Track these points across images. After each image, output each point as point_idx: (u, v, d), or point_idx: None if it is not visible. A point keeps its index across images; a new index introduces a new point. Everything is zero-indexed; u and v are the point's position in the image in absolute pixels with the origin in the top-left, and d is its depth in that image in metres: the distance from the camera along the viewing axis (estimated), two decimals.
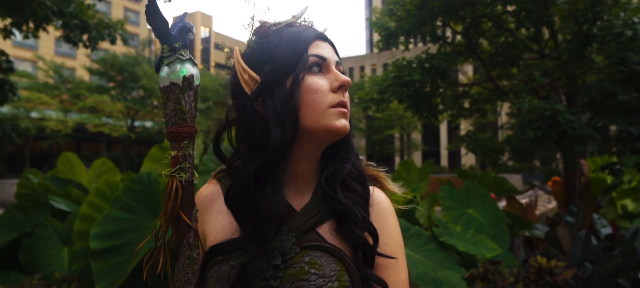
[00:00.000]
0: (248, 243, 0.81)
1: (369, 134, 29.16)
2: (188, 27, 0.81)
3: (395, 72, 6.18)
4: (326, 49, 0.87)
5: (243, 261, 0.80)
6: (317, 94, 0.82)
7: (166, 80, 0.78)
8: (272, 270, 0.79)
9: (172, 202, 0.76)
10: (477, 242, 3.80)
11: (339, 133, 0.83)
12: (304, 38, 0.84)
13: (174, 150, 0.77)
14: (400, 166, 5.96)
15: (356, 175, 0.90)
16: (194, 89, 0.79)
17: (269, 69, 0.82)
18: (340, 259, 0.82)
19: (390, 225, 0.90)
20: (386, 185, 0.97)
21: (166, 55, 0.79)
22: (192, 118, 0.79)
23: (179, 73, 0.78)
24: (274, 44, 0.84)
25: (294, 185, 0.88)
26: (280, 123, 0.80)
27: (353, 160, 0.90)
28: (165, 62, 0.79)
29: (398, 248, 0.90)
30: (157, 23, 0.78)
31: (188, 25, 0.81)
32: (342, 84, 0.84)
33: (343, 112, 0.84)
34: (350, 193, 0.87)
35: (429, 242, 3.49)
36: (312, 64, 0.84)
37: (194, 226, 0.77)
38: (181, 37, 0.80)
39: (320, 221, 0.85)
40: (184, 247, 0.76)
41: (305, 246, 0.81)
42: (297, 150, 0.85)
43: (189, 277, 0.76)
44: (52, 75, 24.95)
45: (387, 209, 0.92)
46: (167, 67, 0.78)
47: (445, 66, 6.04)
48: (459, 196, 4.64)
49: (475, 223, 4.35)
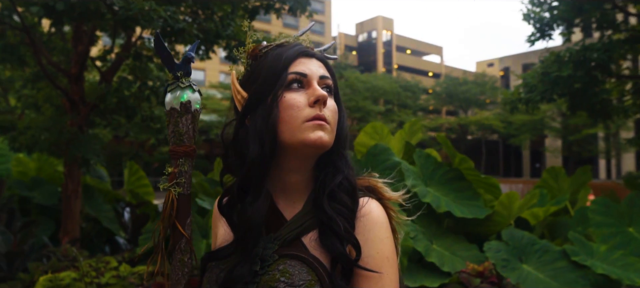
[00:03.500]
0: (236, 250, 0.88)
1: (564, 133, 26.15)
2: (189, 58, 0.92)
3: (543, 68, 5.56)
4: (309, 65, 0.90)
5: (230, 266, 0.88)
6: (292, 110, 0.85)
7: (168, 105, 0.90)
8: (252, 275, 0.85)
9: (167, 211, 0.88)
10: (626, 265, 3.27)
11: (314, 145, 0.85)
12: (286, 57, 0.88)
13: (172, 167, 0.88)
14: (547, 174, 5.37)
15: (346, 187, 0.90)
16: (192, 112, 0.90)
17: (254, 88, 0.90)
18: (314, 270, 0.84)
19: (376, 237, 0.88)
20: (385, 196, 0.96)
21: (170, 83, 0.91)
22: (190, 139, 0.90)
23: (179, 99, 0.89)
24: (260, 65, 0.91)
25: (286, 195, 0.92)
26: (259, 139, 0.86)
27: (345, 171, 0.91)
28: (168, 89, 0.91)
29: (384, 262, 0.87)
30: (164, 55, 0.91)
31: (189, 56, 0.92)
32: (317, 98, 0.85)
33: (318, 125, 0.85)
34: (338, 204, 0.88)
35: (559, 259, 3.13)
36: (291, 81, 0.87)
37: (187, 234, 0.88)
38: (183, 67, 0.92)
39: (305, 231, 0.88)
40: (177, 251, 0.88)
41: (283, 254, 0.84)
42: (285, 163, 0.91)
43: (179, 278, 0.88)
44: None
45: (376, 221, 0.90)
46: (170, 94, 0.90)
47: (606, 57, 5.23)
48: (616, 211, 4.02)
49: (634, 244, 3.73)
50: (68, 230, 4.84)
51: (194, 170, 0.96)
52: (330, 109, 0.88)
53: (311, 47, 0.96)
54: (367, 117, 28.72)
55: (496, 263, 2.90)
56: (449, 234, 3.33)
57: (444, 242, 3.20)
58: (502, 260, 2.93)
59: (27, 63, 5.18)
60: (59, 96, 4.99)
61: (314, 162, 0.91)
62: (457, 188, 3.63)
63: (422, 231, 3.12)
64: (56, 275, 2.68)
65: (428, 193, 3.34)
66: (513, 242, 3.10)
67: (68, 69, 4.85)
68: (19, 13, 3.92)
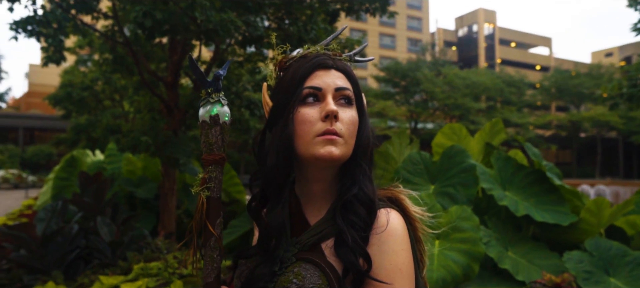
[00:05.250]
0: (259, 250, 0.97)
1: None
2: (218, 76, 1.02)
3: None
4: (325, 78, 0.92)
5: (254, 265, 0.97)
6: (305, 125, 0.89)
7: (201, 119, 1.01)
8: (271, 275, 0.93)
9: (199, 213, 0.99)
10: None
11: (324, 160, 0.88)
12: (302, 72, 0.92)
13: (203, 173, 0.99)
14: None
15: (362, 198, 0.92)
16: (220, 125, 1.00)
17: (274, 103, 0.97)
18: (326, 275, 0.89)
19: (390, 249, 0.89)
20: (407, 208, 0.98)
21: (202, 99, 1.02)
22: (219, 148, 1.00)
23: (209, 112, 1.00)
24: (284, 77, 0.98)
25: (312, 202, 0.97)
26: (276, 151, 0.94)
27: (362, 182, 0.94)
28: (201, 103, 1.02)
29: (396, 273, 0.89)
30: (197, 74, 1.02)
31: (218, 74, 1.03)
32: (327, 113, 0.88)
33: (329, 140, 0.89)
34: (353, 215, 0.92)
35: None
36: (306, 96, 0.91)
37: (216, 233, 0.98)
38: (214, 83, 1.02)
39: (324, 238, 0.93)
40: (207, 248, 0.99)
41: (301, 258, 0.90)
42: (307, 173, 0.97)
43: (209, 272, 0.99)
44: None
45: (392, 233, 0.91)
46: (202, 108, 1.02)
47: None
48: None
49: None
50: (165, 224, 5.33)
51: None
52: (346, 122, 0.90)
53: (337, 54, 0.99)
54: (466, 115, 27.55)
55: (577, 275, 2.69)
56: (528, 241, 3.15)
57: (521, 249, 3.04)
58: (584, 272, 2.71)
59: (134, 72, 5.79)
60: (157, 102, 5.51)
61: (336, 172, 0.95)
62: (539, 192, 3.42)
63: (497, 237, 3.00)
64: (147, 264, 3.00)
65: (505, 196, 3.20)
66: (599, 252, 2.85)
67: (165, 77, 5.33)
68: (122, 29, 4.41)
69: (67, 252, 3.64)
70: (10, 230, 3.58)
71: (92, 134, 8.10)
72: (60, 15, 3.98)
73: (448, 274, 2.44)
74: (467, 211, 2.83)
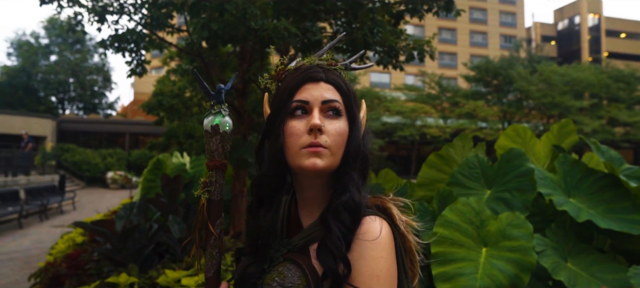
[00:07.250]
0: (250, 249, 1.06)
1: None
2: (219, 89, 1.12)
3: None
4: (313, 91, 0.97)
5: (249, 262, 1.06)
6: (292, 138, 0.95)
7: (204, 128, 1.12)
8: (260, 272, 1.01)
9: (200, 214, 1.09)
10: None
11: (308, 171, 0.93)
12: (292, 85, 0.97)
13: (205, 178, 1.10)
14: None
15: (350, 205, 0.95)
16: (221, 134, 1.10)
17: (268, 115, 1.04)
18: (305, 276, 0.95)
19: (370, 256, 0.91)
20: (394, 216, 1.01)
21: (206, 110, 1.13)
22: (219, 155, 1.10)
23: (211, 123, 1.10)
24: (277, 90, 1.05)
25: (307, 207, 1.03)
26: (268, 161, 1.02)
27: (351, 191, 0.97)
28: (205, 114, 1.13)
29: (372, 280, 0.91)
30: (202, 87, 1.13)
31: (219, 88, 1.12)
32: (312, 127, 0.93)
33: (313, 152, 0.93)
34: (338, 222, 0.96)
35: None
36: (294, 109, 0.96)
37: (216, 232, 1.08)
38: (216, 96, 1.12)
39: (311, 241, 0.99)
40: (208, 246, 1.09)
41: (287, 258, 0.96)
42: (300, 181, 1.04)
43: (209, 267, 1.09)
44: (434, 86, 28.53)
45: (374, 240, 0.94)
46: (205, 119, 1.12)
47: None
48: None
49: None
50: (235, 225, 5.63)
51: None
52: (332, 133, 0.94)
53: (332, 63, 1.03)
54: (566, 114, 25.53)
55: None
56: (592, 252, 2.93)
57: (583, 260, 2.83)
58: None
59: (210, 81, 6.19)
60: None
61: (327, 179, 0.99)
62: (611, 198, 3.14)
63: (554, 246, 2.82)
64: None
65: (567, 202, 3.01)
66: None
67: (235, 85, 5.64)
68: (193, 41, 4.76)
69: (143, 247, 4.00)
70: (95, 225, 4.02)
71: (180, 138, 8.76)
72: (139, 32, 4.39)
73: (492, 284, 2.35)
74: (519, 218, 2.70)
